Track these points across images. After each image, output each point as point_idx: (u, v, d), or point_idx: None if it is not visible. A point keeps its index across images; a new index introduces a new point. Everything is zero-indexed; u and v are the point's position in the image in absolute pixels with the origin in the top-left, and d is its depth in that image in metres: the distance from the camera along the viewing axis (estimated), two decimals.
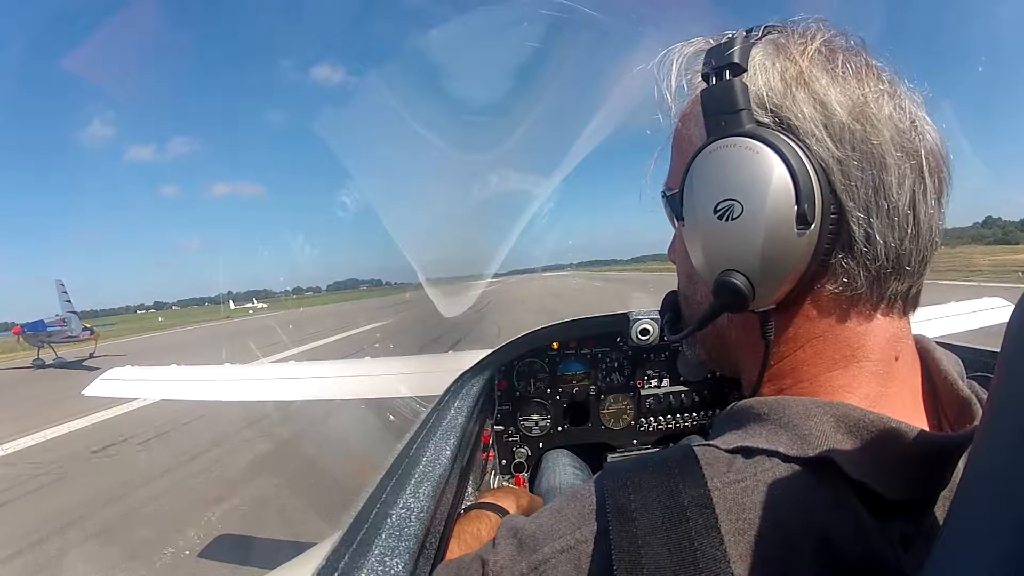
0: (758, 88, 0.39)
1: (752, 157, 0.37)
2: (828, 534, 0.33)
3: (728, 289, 0.39)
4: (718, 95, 0.39)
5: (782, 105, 0.38)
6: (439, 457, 0.69)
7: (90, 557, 3.52)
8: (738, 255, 0.38)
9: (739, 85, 0.38)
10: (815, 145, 0.37)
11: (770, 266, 0.38)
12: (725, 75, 0.39)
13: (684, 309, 0.51)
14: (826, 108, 0.37)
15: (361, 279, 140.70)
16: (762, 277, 0.38)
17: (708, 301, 0.43)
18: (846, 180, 0.37)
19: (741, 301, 0.39)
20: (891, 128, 0.37)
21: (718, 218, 0.38)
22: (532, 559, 0.38)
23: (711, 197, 0.39)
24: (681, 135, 0.46)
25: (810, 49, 0.39)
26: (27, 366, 16.90)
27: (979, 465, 0.28)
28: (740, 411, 0.42)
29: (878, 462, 0.35)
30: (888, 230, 0.37)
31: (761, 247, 0.37)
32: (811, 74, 0.38)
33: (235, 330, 25.52)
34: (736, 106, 0.38)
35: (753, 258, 0.38)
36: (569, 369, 1.43)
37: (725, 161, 0.38)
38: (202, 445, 5.64)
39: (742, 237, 0.38)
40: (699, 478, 0.36)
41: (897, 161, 0.37)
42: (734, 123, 0.38)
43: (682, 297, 0.51)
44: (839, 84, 0.38)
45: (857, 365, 0.40)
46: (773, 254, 0.37)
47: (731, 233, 0.38)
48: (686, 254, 0.45)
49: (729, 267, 0.39)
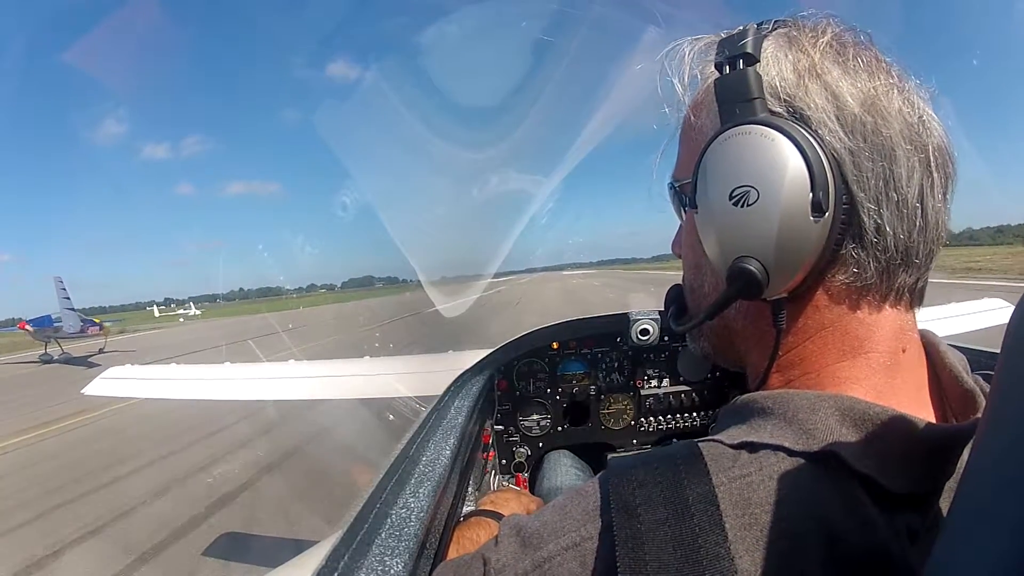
0: (771, 78, 0.39)
1: (768, 144, 0.37)
2: (833, 527, 0.33)
3: (743, 275, 0.39)
4: (732, 83, 0.39)
5: (795, 95, 0.38)
6: (439, 457, 0.69)
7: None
8: (753, 241, 0.38)
9: (753, 74, 0.39)
10: (828, 135, 0.37)
11: (784, 253, 0.38)
12: (738, 64, 0.39)
13: (690, 301, 0.50)
14: (838, 99, 0.38)
15: (378, 276, 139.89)
16: (776, 264, 0.38)
17: (717, 291, 0.43)
18: (857, 171, 0.37)
19: (755, 288, 0.39)
20: (900, 122, 0.38)
21: (733, 204, 0.38)
22: (536, 556, 0.38)
23: (726, 183, 0.39)
24: (691, 125, 0.46)
25: (821, 42, 0.39)
26: (34, 361, 16.95)
27: (980, 465, 0.28)
28: (744, 405, 0.42)
29: (883, 455, 0.35)
30: (897, 221, 0.38)
31: (776, 234, 0.37)
32: (823, 66, 0.38)
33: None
34: (750, 94, 0.39)
35: (768, 244, 0.38)
36: (569, 369, 1.43)
37: (740, 148, 0.38)
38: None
39: (757, 223, 0.38)
40: (704, 474, 0.36)
41: (906, 154, 0.37)
42: (748, 111, 0.38)
43: (688, 289, 0.50)
44: (850, 76, 0.38)
45: (865, 356, 0.40)
46: (788, 241, 0.37)
47: (746, 219, 0.38)
48: (695, 244, 0.45)
49: (744, 253, 0.39)
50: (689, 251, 0.48)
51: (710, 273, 0.45)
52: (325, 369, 3.37)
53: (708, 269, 0.45)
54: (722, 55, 0.40)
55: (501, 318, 15.03)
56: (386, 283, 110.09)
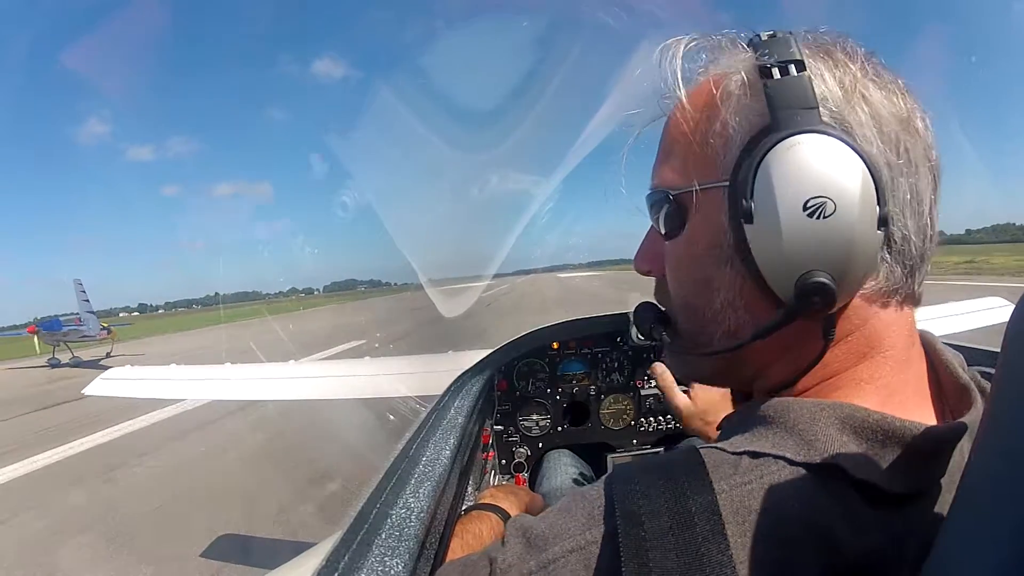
0: (821, 91, 0.38)
1: (841, 154, 0.36)
2: (833, 534, 0.34)
3: (816, 289, 0.37)
4: (791, 89, 0.38)
5: (843, 109, 0.38)
6: (439, 457, 0.70)
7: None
8: (825, 254, 0.37)
9: (809, 82, 0.38)
10: (874, 151, 0.37)
11: (853, 267, 0.37)
12: (790, 70, 0.38)
13: (689, 322, 0.47)
14: (879, 117, 0.38)
15: (360, 279, 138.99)
16: (844, 277, 0.37)
17: (734, 309, 0.42)
18: (893, 185, 0.38)
19: (829, 302, 0.38)
20: (923, 142, 0.40)
21: (808, 215, 0.37)
22: (541, 558, 0.38)
23: (799, 193, 0.37)
24: (699, 129, 0.43)
25: (858, 59, 0.40)
26: (43, 365, 16.87)
27: (980, 464, 0.28)
28: (746, 415, 0.43)
29: (883, 461, 0.36)
30: (917, 232, 0.39)
31: (849, 247, 0.37)
32: (864, 83, 0.39)
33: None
34: (811, 102, 0.38)
35: (840, 258, 0.37)
36: (569, 369, 1.43)
37: (813, 156, 0.37)
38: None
39: (832, 236, 0.36)
40: (706, 483, 0.36)
41: (926, 171, 0.40)
42: (810, 119, 0.37)
43: (683, 308, 0.47)
44: (887, 96, 0.39)
45: (882, 356, 0.41)
46: (858, 255, 0.37)
47: (821, 231, 0.37)
48: (700, 257, 0.43)
49: (814, 267, 0.37)
50: (692, 266, 0.45)
51: (728, 289, 0.42)
52: (325, 369, 3.37)
53: (726, 284, 0.42)
54: (771, 59, 0.39)
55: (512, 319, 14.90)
56: (369, 286, 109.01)
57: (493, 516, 0.67)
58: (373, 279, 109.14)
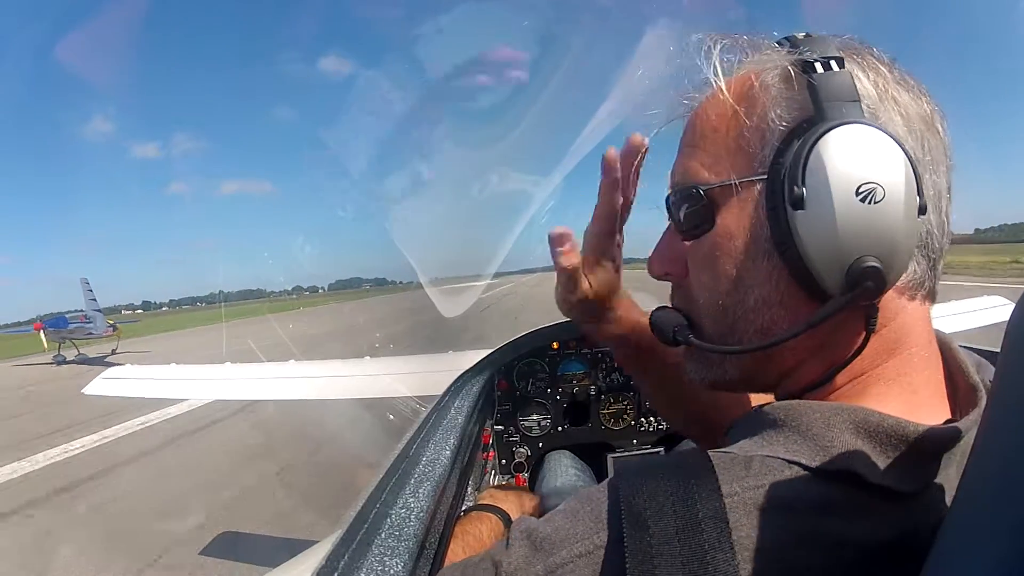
0: (860, 87, 0.40)
1: (886, 144, 0.37)
2: (843, 537, 0.34)
3: (868, 275, 0.37)
4: (839, 82, 0.39)
5: (877, 108, 0.40)
6: (439, 457, 0.70)
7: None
8: (875, 239, 0.37)
9: (851, 77, 0.39)
10: (907, 145, 0.38)
11: (899, 252, 0.38)
12: (832, 66, 0.40)
13: (718, 324, 0.45)
14: (909, 117, 0.40)
15: (365, 277, 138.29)
16: (891, 263, 0.38)
17: (769, 305, 0.41)
18: (920, 182, 0.39)
19: (880, 288, 0.38)
20: (943, 143, 0.41)
21: (860, 200, 0.37)
22: (549, 562, 0.38)
23: (851, 179, 0.37)
24: (735, 122, 0.42)
25: (885, 63, 0.42)
26: (48, 362, 16.87)
27: (980, 464, 0.28)
28: (758, 417, 0.42)
29: (898, 465, 0.36)
30: (938, 228, 0.41)
31: (896, 233, 0.37)
32: (893, 85, 0.41)
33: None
34: (854, 96, 0.39)
35: (889, 243, 0.37)
36: (569, 369, 1.43)
37: (863, 144, 0.37)
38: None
39: (882, 221, 0.37)
40: (714, 488, 0.36)
41: (945, 171, 0.41)
42: (854, 112, 0.39)
43: (712, 309, 0.45)
44: (914, 98, 0.41)
45: (908, 352, 0.41)
46: (905, 240, 0.38)
47: (873, 216, 0.37)
48: (734, 253, 0.42)
49: (866, 252, 0.37)
50: (725, 263, 0.43)
51: (763, 284, 0.41)
52: (325, 369, 3.36)
53: (760, 279, 0.41)
54: (816, 54, 0.40)
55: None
56: (374, 284, 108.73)
57: (493, 517, 0.67)
58: (378, 277, 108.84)
